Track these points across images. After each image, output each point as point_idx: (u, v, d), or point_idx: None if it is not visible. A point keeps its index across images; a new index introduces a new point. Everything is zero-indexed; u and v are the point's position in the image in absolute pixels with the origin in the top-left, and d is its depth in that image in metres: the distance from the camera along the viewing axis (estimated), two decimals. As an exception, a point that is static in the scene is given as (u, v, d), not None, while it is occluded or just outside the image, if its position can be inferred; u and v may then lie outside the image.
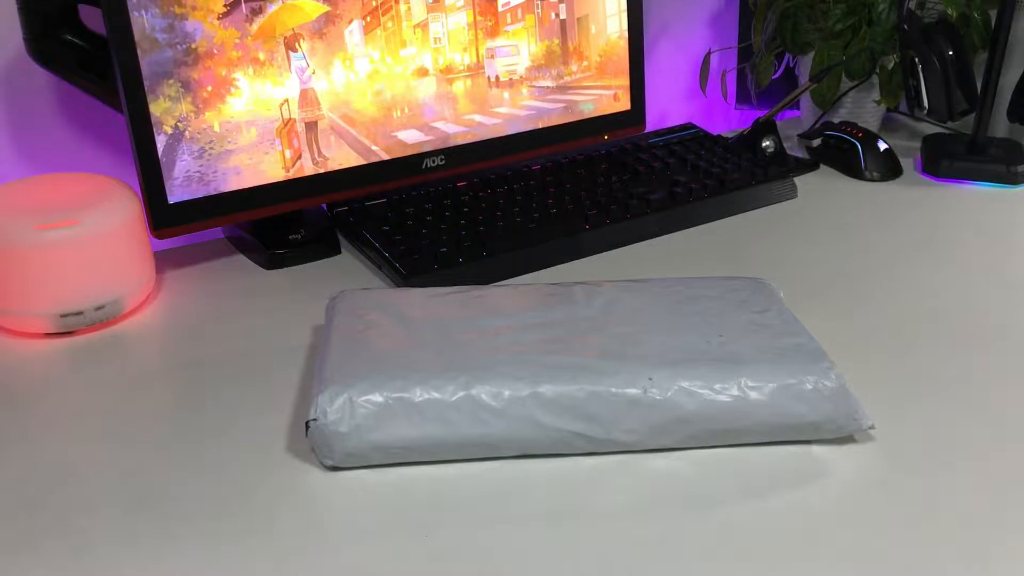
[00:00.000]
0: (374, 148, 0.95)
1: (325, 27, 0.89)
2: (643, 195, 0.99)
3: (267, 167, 0.89)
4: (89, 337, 0.80)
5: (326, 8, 0.89)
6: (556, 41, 1.04)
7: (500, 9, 0.99)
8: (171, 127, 0.83)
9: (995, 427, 0.67)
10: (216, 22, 0.83)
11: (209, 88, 0.84)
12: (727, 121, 1.48)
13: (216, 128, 0.85)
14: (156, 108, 0.82)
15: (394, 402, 0.61)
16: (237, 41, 0.85)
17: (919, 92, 1.07)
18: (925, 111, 1.09)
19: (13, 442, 0.67)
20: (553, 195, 0.99)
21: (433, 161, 0.98)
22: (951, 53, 1.05)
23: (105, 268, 0.80)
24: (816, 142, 1.17)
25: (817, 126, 1.20)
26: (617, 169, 1.06)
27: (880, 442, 0.66)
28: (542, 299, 0.74)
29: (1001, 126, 1.18)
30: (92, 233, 0.78)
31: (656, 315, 0.71)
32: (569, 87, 1.06)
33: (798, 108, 1.31)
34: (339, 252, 0.95)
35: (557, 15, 1.03)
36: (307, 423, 0.61)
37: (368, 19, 0.91)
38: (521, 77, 1.02)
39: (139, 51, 0.80)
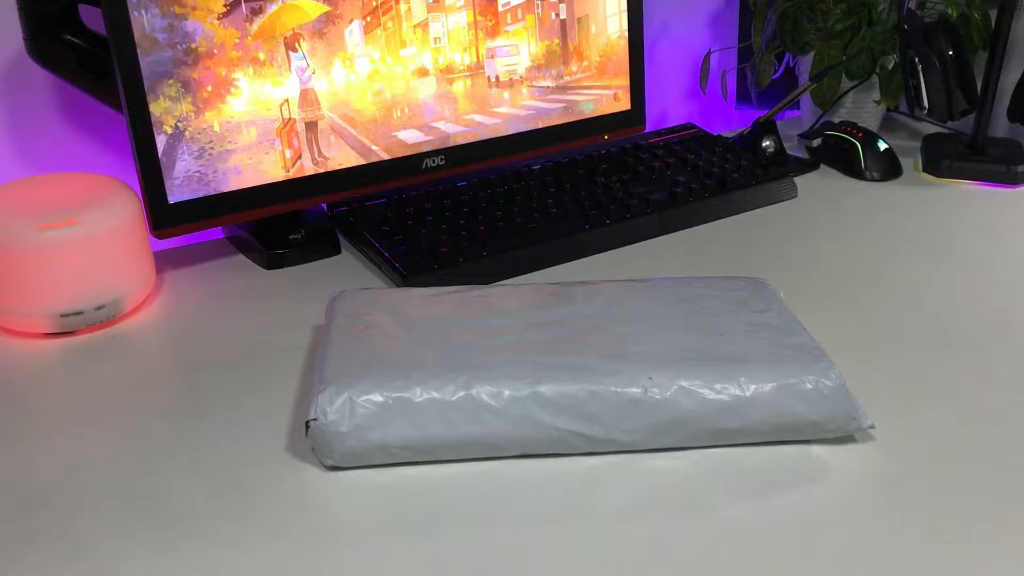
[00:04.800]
0: (374, 148, 0.95)
1: (325, 27, 0.89)
2: (643, 195, 0.99)
3: (267, 167, 0.89)
4: (89, 337, 0.80)
5: (326, 8, 0.89)
6: (556, 41, 1.04)
7: (500, 9, 0.99)
8: (171, 127, 0.83)
9: (995, 427, 0.68)
10: (216, 22, 0.83)
11: (209, 88, 0.84)
12: (727, 121, 1.48)
13: (216, 128, 0.85)
14: (156, 108, 0.82)
15: (394, 402, 0.61)
16: (237, 41, 0.85)
17: (919, 92, 1.07)
18: (925, 111, 1.09)
19: (13, 442, 0.67)
20: (553, 195, 0.99)
21: (433, 161, 0.98)
22: (951, 53, 1.05)
23: (105, 268, 0.80)
24: (816, 142, 1.17)
25: (817, 126, 1.20)
26: (617, 169, 1.06)
27: (880, 442, 0.66)
28: (542, 299, 0.74)
29: (1001, 126, 1.18)
30: (92, 233, 0.78)
31: (656, 315, 0.71)
32: (569, 87, 1.06)
33: (798, 108, 1.31)
34: (339, 252, 0.95)
35: (557, 15, 1.03)
36: (307, 423, 0.61)
37: (368, 19, 0.91)
38: (521, 77, 1.02)
39: (139, 51, 0.80)
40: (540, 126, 1.05)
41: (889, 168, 1.13)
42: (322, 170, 0.92)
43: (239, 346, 0.79)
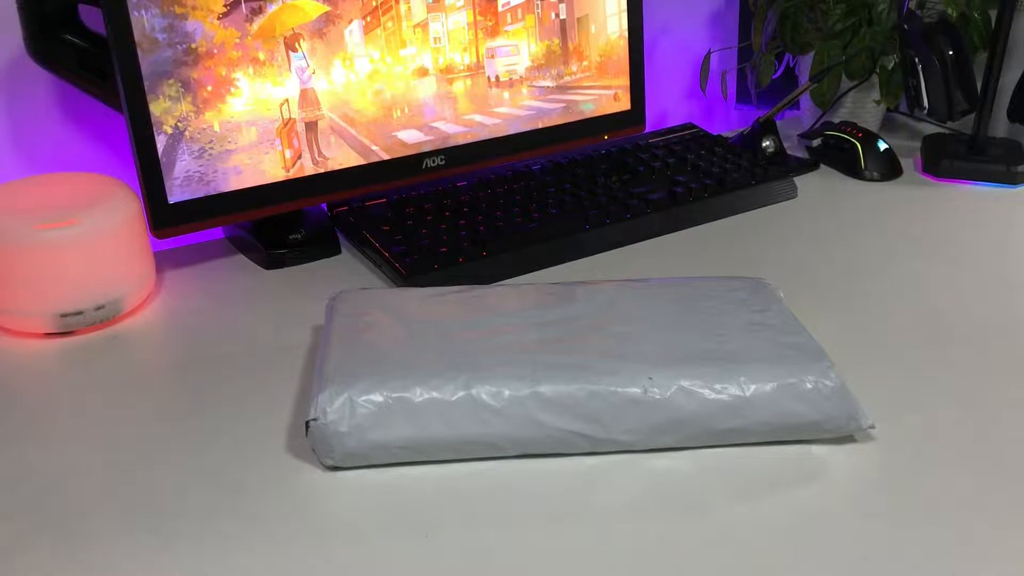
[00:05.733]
0: (374, 148, 0.95)
1: (325, 27, 0.89)
2: (643, 195, 0.99)
3: (267, 167, 0.89)
4: (89, 337, 0.80)
5: (326, 8, 0.89)
6: (556, 41, 1.04)
7: (500, 9, 0.99)
8: (171, 127, 0.83)
9: (995, 427, 0.68)
10: (216, 22, 0.83)
11: (209, 88, 0.84)
12: (727, 121, 1.48)
13: (216, 128, 0.85)
14: (156, 108, 0.82)
15: (394, 402, 0.61)
16: (237, 41, 0.85)
17: (919, 92, 1.07)
18: (925, 111, 1.09)
19: (13, 442, 0.67)
20: (553, 195, 0.99)
21: (433, 161, 0.98)
22: (951, 53, 1.05)
23: (105, 268, 0.80)
24: (816, 142, 1.17)
25: (817, 126, 1.20)
26: (617, 169, 1.06)
27: (880, 442, 0.66)
28: (542, 299, 0.74)
29: (1001, 126, 1.18)
30: (92, 233, 0.78)
31: (656, 315, 0.71)
32: (569, 87, 1.06)
33: (798, 108, 1.31)
34: (339, 252, 0.95)
35: (557, 15, 1.03)
36: (307, 423, 0.61)
37: (368, 19, 0.91)
38: (521, 77, 1.02)
39: (139, 51, 0.80)
40: (540, 126, 1.05)
41: (889, 168, 1.13)
42: (322, 170, 0.92)
43: (239, 346, 0.79)
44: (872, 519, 0.59)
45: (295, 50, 0.88)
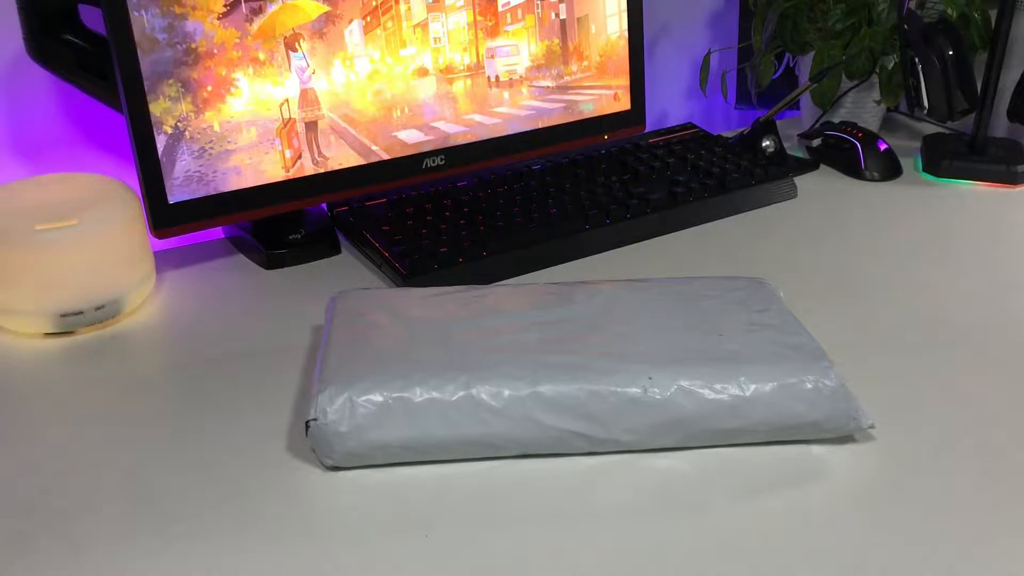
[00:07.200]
0: (374, 148, 0.95)
1: (325, 27, 0.89)
2: (643, 195, 0.99)
3: (267, 167, 0.89)
4: (89, 337, 0.80)
5: (326, 8, 0.89)
6: (556, 41, 1.04)
7: (500, 9, 0.99)
8: (171, 127, 0.83)
9: (995, 427, 0.68)
10: (216, 22, 0.83)
11: (209, 88, 0.84)
12: (727, 121, 1.48)
13: (216, 128, 0.85)
14: (156, 108, 0.82)
15: (394, 402, 0.61)
16: (237, 41, 0.85)
17: (919, 92, 1.07)
18: (925, 111, 1.09)
19: (12, 442, 0.67)
20: (553, 195, 0.99)
21: (433, 161, 0.98)
22: (951, 53, 1.05)
23: (105, 268, 0.80)
24: (816, 142, 1.17)
25: (817, 126, 1.20)
26: (617, 169, 1.06)
27: (880, 442, 0.66)
28: (542, 299, 0.74)
29: (1001, 126, 1.18)
30: (92, 233, 0.78)
31: (656, 315, 0.71)
32: (569, 87, 1.06)
33: (798, 108, 1.31)
34: (339, 252, 0.95)
35: (557, 15, 1.03)
36: (307, 423, 0.61)
37: (368, 19, 0.91)
38: (521, 77, 1.02)
39: (139, 51, 0.80)
40: (540, 126, 1.05)
41: (889, 168, 1.13)
42: (322, 170, 0.92)
43: (239, 346, 0.79)
44: (872, 519, 0.59)
45: (295, 50, 0.88)
